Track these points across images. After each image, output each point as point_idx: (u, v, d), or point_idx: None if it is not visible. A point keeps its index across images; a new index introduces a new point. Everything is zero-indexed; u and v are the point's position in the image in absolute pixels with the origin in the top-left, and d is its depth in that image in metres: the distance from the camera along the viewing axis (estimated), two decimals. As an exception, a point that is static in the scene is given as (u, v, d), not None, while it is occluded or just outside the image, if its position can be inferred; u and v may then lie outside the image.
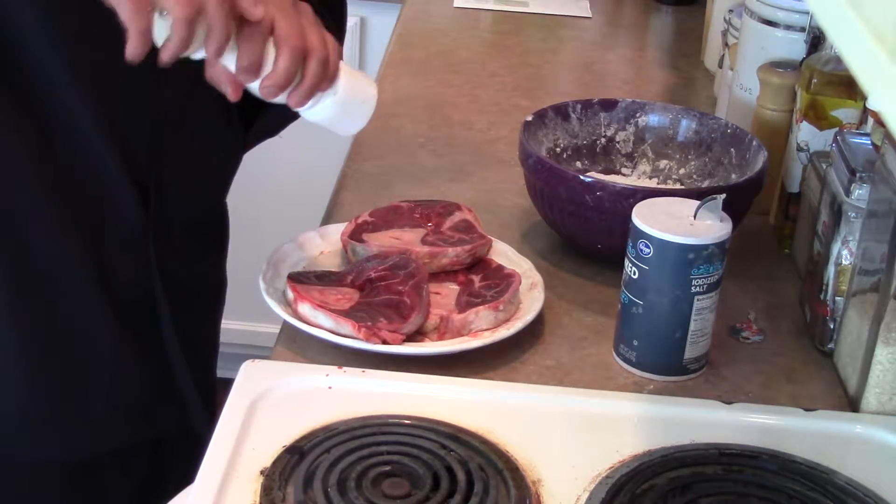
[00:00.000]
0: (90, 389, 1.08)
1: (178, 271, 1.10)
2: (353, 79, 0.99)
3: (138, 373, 1.10)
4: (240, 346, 1.37)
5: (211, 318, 1.25)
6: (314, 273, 1.10)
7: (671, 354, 1.01)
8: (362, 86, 1.00)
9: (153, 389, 1.12)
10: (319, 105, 0.97)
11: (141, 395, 1.12)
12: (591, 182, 1.15)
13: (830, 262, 1.05)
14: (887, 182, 0.96)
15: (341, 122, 0.99)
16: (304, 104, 0.95)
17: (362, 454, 0.86)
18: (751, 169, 1.21)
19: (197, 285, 1.16)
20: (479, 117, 1.62)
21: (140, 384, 1.11)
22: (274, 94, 0.93)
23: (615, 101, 1.34)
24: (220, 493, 0.82)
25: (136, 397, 1.11)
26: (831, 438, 0.95)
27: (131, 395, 1.11)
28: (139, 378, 1.11)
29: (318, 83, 0.94)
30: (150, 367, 1.11)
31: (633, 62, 1.96)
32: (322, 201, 1.34)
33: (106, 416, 1.10)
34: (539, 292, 1.09)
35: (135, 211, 1.04)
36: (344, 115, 0.99)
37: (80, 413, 1.08)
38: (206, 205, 1.17)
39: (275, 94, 0.93)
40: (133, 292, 1.07)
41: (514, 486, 0.85)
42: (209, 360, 1.25)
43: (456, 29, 2.02)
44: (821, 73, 1.18)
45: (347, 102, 0.98)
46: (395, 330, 1.00)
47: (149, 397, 1.12)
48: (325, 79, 0.95)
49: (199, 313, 1.19)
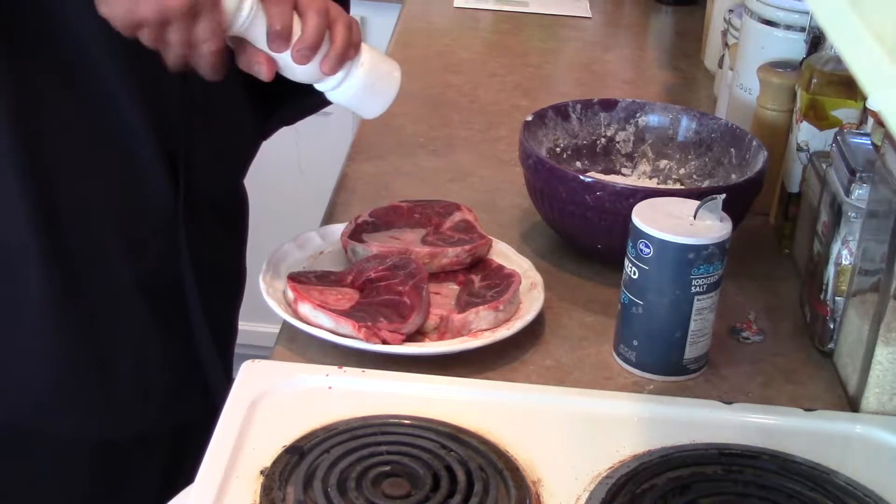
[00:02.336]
0: (118, 370, 1.09)
1: (206, 255, 1.12)
2: (375, 52, 1.01)
3: (166, 357, 1.12)
4: (240, 346, 1.37)
5: (235, 305, 1.26)
6: (314, 273, 1.10)
7: (671, 354, 1.01)
8: (385, 60, 1.03)
9: (180, 374, 1.14)
10: (347, 80, 0.98)
11: (168, 379, 1.13)
12: (591, 182, 1.15)
13: (830, 262, 1.05)
14: (887, 182, 0.96)
15: (368, 99, 1.01)
16: (336, 70, 0.97)
17: (362, 454, 0.86)
18: (751, 169, 1.21)
19: (223, 271, 1.18)
20: (479, 117, 1.62)
21: (168, 369, 1.12)
22: (307, 58, 0.94)
23: (615, 101, 1.34)
24: (220, 493, 0.82)
25: (164, 381, 1.13)
26: (831, 438, 0.95)
27: (159, 379, 1.12)
28: (167, 362, 1.12)
29: (346, 47, 0.96)
30: (178, 353, 1.12)
31: (633, 62, 1.96)
32: (322, 201, 1.34)
33: (133, 398, 1.11)
34: (539, 292, 1.09)
35: (167, 192, 1.06)
36: (371, 91, 1.00)
37: (108, 393, 1.09)
38: (230, 189, 1.20)
39: (308, 58, 0.94)
40: (163, 279, 1.09)
41: (514, 486, 0.85)
42: (231, 349, 1.27)
43: (456, 29, 2.02)
44: (821, 73, 1.18)
45: (374, 74, 1.00)
46: (395, 330, 1.00)
47: (176, 382, 1.14)
48: (351, 44, 0.97)
49: (225, 300, 1.20)
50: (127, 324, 1.08)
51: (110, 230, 1.04)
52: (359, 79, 0.99)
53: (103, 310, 1.07)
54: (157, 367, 1.11)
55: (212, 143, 1.11)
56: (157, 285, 1.08)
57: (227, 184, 1.19)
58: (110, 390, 1.09)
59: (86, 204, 1.02)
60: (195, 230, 1.09)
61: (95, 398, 1.09)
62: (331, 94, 1.00)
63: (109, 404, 1.10)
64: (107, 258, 1.05)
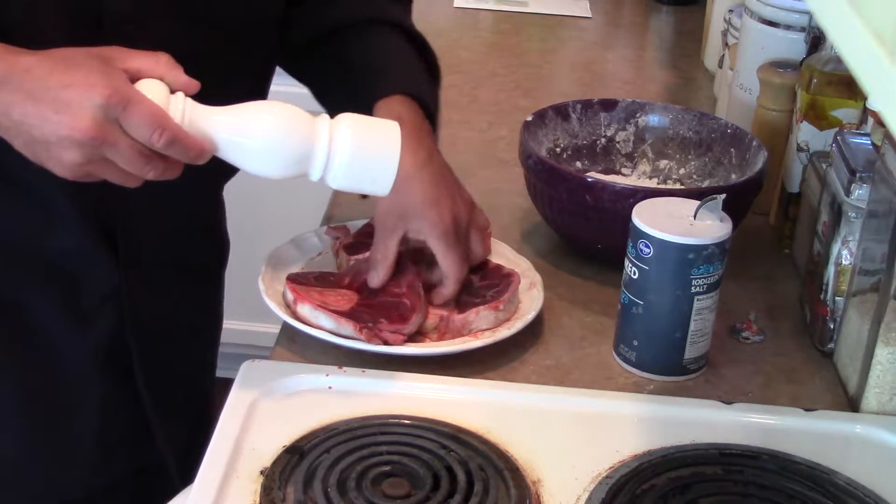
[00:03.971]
0: (76, 431, 1.08)
1: (155, 322, 1.09)
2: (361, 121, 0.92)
3: (120, 411, 1.10)
4: (240, 346, 1.37)
5: (202, 352, 1.23)
6: (313, 274, 1.10)
7: (671, 354, 1.01)
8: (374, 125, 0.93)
9: (134, 425, 1.12)
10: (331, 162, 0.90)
11: (126, 432, 1.12)
12: (591, 182, 1.15)
13: (830, 262, 1.05)
14: (887, 182, 0.96)
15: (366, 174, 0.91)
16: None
17: (362, 454, 0.86)
18: (751, 169, 1.21)
19: (182, 323, 1.14)
20: (479, 117, 1.62)
21: (123, 423, 1.11)
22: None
23: (615, 101, 1.34)
24: (220, 493, 0.82)
25: (122, 435, 1.11)
26: (831, 438, 0.95)
27: (116, 434, 1.11)
28: (122, 417, 1.10)
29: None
30: (129, 405, 1.11)
31: (633, 62, 1.96)
32: (322, 201, 1.34)
33: (94, 455, 1.10)
34: (538, 292, 1.09)
35: (106, 266, 1.03)
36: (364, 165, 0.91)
37: (69, 454, 1.08)
38: (185, 238, 1.12)
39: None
40: (108, 345, 1.07)
41: (514, 486, 0.85)
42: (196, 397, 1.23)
43: (456, 29, 2.02)
44: (821, 73, 1.18)
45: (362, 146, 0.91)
46: (396, 331, 1.00)
47: (132, 433, 1.12)
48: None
49: (184, 356, 1.16)
50: (80, 385, 1.06)
51: (58, 303, 1.03)
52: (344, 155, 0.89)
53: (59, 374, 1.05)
54: (114, 424, 1.10)
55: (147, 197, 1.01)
56: (103, 353, 1.06)
57: (181, 231, 1.12)
58: (70, 450, 1.08)
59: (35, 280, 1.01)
60: (143, 290, 1.06)
61: (58, 459, 1.07)
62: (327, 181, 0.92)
63: (72, 463, 1.08)
64: (57, 328, 1.03)
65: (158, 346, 1.10)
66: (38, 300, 1.02)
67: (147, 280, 1.07)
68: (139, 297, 1.06)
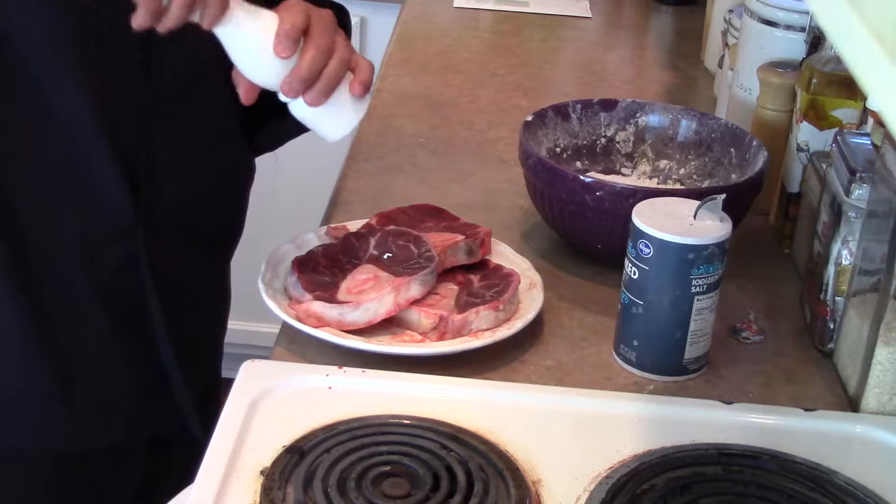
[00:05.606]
0: (79, 384, 1.07)
1: (171, 272, 1.09)
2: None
3: (130, 372, 1.10)
4: (240, 346, 1.37)
5: (211, 322, 1.24)
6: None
7: (671, 354, 1.01)
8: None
9: (146, 389, 1.12)
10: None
11: (132, 394, 1.11)
12: (591, 182, 1.15)
13: (830, 262, 1.05)
14: (887, 182, 0.96)
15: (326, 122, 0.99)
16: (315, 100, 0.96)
17: (362, 454, 0.86)
18: (751, 169, 1.21)
19: (193, 288, 1.15)
20: (479, 117, 1.62)
21: (131, 383, 1.11)
22: (295, 92, 0.95)
23: (615, 101, 1.34)
24: (220, 493, 0.82)
25: (127, 396, 1.11)
26: (831, 438, 0.95)
27: (121, 394, 1.11)
28: (130, 377, 1.10)
29: (331, 87, 0.96)
30: (142, 366, 1.11)
31: (633, 62, 1.96)
32: (322, 201, 1.34)
33: (96, 412, 1.09)
34: (538, 292, 1.09)
35: (123, 204, 1.04)
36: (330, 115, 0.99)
37: (70, 407, 1.08)
38: (204, 211, 1.15)
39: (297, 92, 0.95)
40: (122, 289, 1.07)
41: (514, 486, 0.85)
42: (209, 364, 1.25)
43: (456, 29, 2.02)
44: (821, 73, 1.18)
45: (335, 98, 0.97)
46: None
47: (141, 397, 1.12)
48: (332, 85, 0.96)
49: (195, 316, 1.18)
50: (86, 333, 1.06)
51: (65, 234, 1.03)
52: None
53: (62, 316, 1.05)
54: (121, 379, 1.10)
55: (180, 162, 1.09)
56: (118, 299, 1.07)
57: (202, 207, 1.14)
58: (72, 401, 1.07)
59: (41, 205, 1.01)
60: (158, 246, 1.07)
61: (56, 408, 1.07)
62: (291, 106, 0.99)
63: (71, 415, 1.08)
64: (63, 262, 1.03)
65: (175, 296, 1.10)
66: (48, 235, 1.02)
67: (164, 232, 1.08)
68: (157, 244, 1.07)
